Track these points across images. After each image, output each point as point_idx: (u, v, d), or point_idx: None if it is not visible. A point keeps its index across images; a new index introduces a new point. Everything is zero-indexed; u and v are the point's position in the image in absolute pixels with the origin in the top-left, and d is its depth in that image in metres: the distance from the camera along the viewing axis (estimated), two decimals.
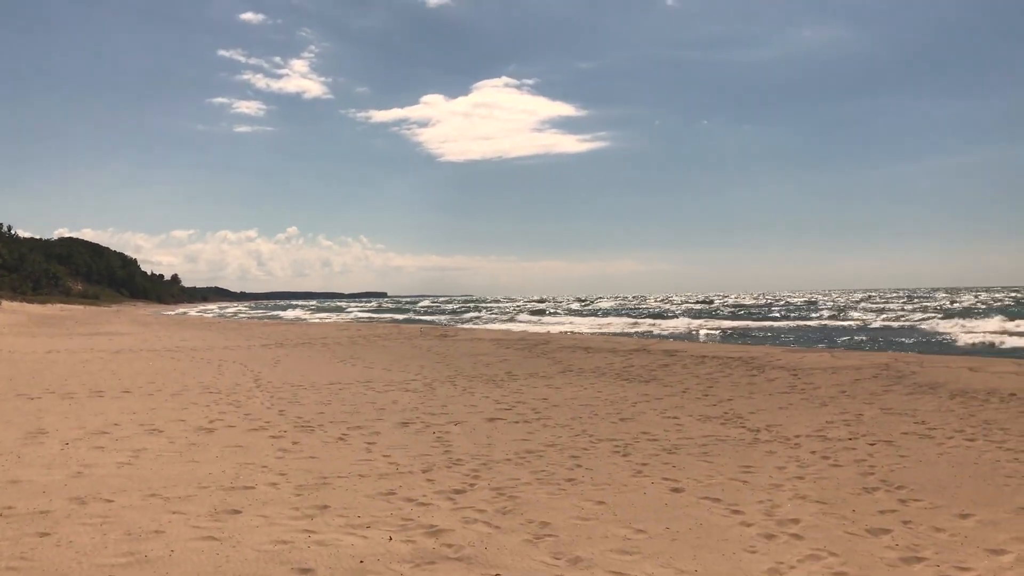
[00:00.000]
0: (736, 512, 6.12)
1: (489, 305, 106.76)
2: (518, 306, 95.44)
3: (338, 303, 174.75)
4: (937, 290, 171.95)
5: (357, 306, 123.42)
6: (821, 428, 9.96)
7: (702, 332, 38.14)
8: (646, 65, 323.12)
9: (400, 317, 68.16)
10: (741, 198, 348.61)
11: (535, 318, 60.00)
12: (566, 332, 38.14)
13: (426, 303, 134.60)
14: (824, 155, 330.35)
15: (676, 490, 6.84)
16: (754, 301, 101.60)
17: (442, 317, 67.42)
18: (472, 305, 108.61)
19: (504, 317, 64.23)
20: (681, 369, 17.09)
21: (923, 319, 42.68)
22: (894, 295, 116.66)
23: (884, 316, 47.58)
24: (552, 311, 74.82)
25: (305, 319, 65.31)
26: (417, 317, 67.41)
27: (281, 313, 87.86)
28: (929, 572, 4.89)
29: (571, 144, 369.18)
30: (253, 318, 70.73)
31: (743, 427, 10.11)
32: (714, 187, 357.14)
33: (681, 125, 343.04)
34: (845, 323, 43.96)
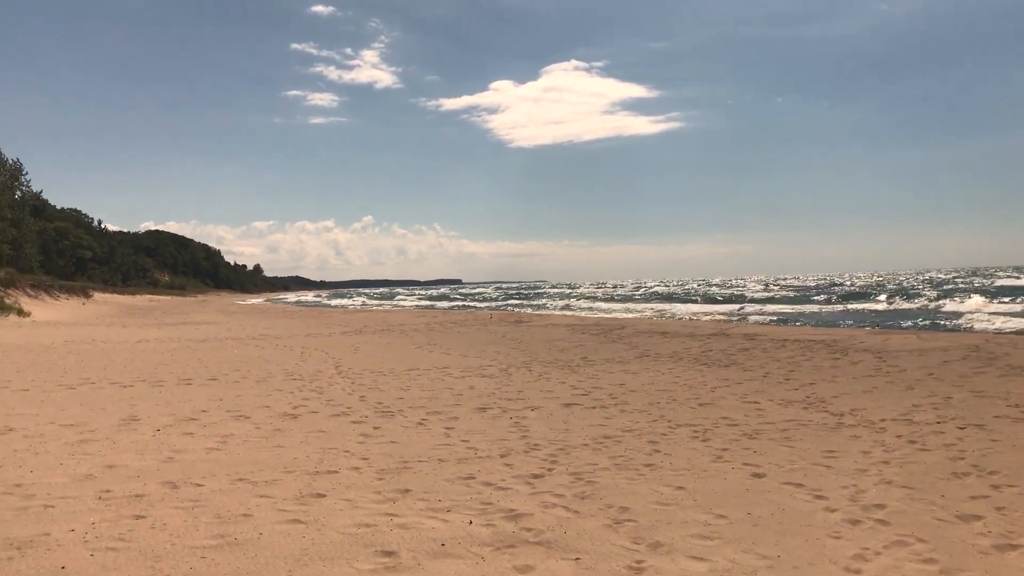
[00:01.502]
0: (819, 497, 6.01)
1: (548, 292, 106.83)
2: (571, 292, 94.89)
3: (396, 290, 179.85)
4: None
5: (407, 293, 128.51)
6: (907, 412, 9.69)
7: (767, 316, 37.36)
8: (717, 44, 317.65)
9: (445, 304, 68.62)
10: (820, 176, 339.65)
11: (587, 303, 60.15)
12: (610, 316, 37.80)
13: (467, 290, 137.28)
14: (907, 130, 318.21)
15: (757, 475, 6.75)
16: (834, 281, 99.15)
17: (479, 304, 67.82)
18: (530, 291, 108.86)
19: (541, 303, 64.61)
20: (761, 353, 16.81)
21: (1017, 300, 40.98)
22: (979, 277, 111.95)
23: (975, 297, 45.80)
24: (603, 296, 74.26)
25: (356, 307, 66.24)
26: (459, 304, 67.66)
27: (342, 302, 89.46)
28: None
29: (643, 126, 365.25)
30: (315, 306, 72.03)
31: (826, 411, 9.91)
32: (792, 166, 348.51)
33: (755, 104, 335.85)
34: (935, 304, 42.53)
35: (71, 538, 4.92)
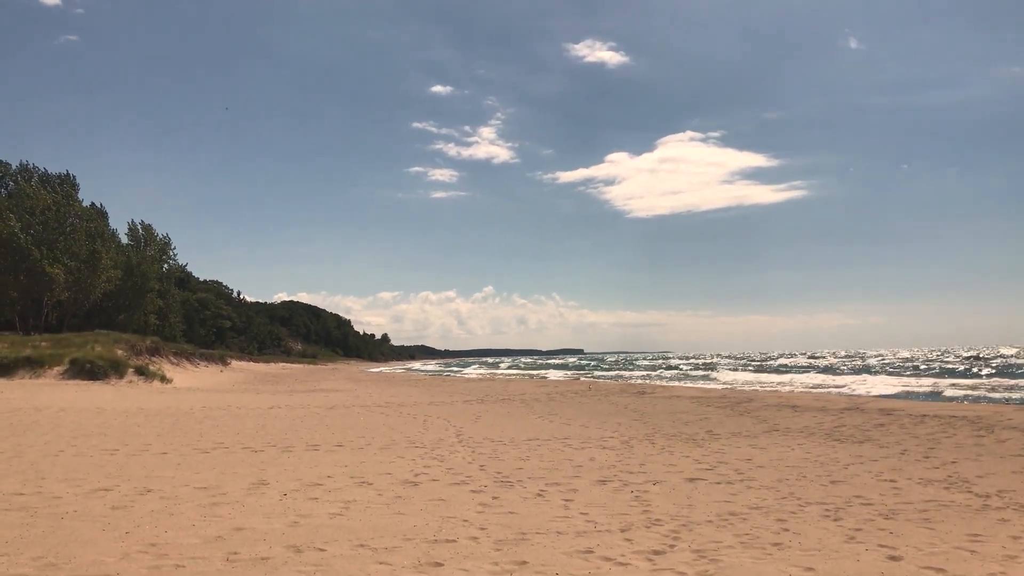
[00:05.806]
0: None
1: (672, 362, 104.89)
2: (696, 362, 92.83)
3: (502, 360, 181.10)
4: None
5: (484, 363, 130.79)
6: None
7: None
8: (836, 111, 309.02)
9: (563, 374, 68.51)
10: (950, 245, 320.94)
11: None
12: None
13: (556, 361, 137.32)
14: None
15: (894, 558, 6.34)
16: (979, 354, 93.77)
17: (558, 373, 67.61)
18: (655, 362, 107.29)
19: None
20: (898, 429, 15.98)
21: None
22: None
23: None
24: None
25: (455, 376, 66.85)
26: (578, 374, 67.19)
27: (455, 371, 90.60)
28: None
29: (764, 195, 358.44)
30: (437, 374, 72.97)
31: (970, 492, 9.28)
32: (922, 234, 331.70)
33: (879, 171, 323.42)
34: None
35: None
